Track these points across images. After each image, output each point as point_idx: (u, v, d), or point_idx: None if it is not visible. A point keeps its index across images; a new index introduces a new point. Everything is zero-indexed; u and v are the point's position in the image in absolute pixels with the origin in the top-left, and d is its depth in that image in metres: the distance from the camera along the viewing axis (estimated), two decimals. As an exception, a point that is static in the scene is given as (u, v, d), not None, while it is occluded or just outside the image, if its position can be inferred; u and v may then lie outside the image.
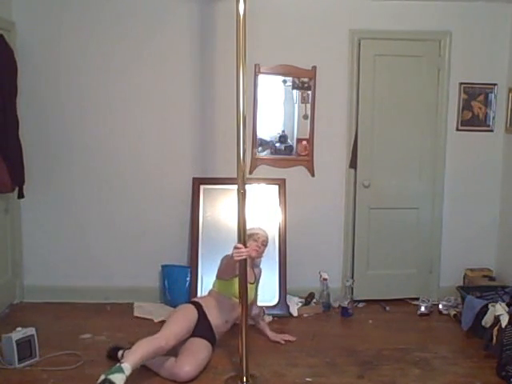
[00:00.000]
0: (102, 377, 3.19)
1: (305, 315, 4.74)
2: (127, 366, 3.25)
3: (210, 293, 4.08)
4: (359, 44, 4.83)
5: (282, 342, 4.19)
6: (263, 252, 4.17)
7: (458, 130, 5.00)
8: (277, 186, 4.91)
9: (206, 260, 4.71)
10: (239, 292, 3.56)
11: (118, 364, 3.28)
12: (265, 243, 4.16)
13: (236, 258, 3.46)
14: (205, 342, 3.75)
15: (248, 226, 3.64)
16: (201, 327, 3.79)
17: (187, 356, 3.61)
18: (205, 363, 3.68)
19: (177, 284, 4.78)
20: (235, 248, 3.46)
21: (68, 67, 4.76)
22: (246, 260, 3.51)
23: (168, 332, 3.60)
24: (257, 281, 4.19)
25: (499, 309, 3.88)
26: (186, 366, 3.54)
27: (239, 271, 3.54)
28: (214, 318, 3.87)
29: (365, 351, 4.09)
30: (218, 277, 3.99)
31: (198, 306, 3.88)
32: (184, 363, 3.56)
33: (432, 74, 4.91)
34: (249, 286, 3.70)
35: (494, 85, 4.95)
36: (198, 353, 3.66)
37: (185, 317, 3.78)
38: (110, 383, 3.15)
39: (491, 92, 4.96)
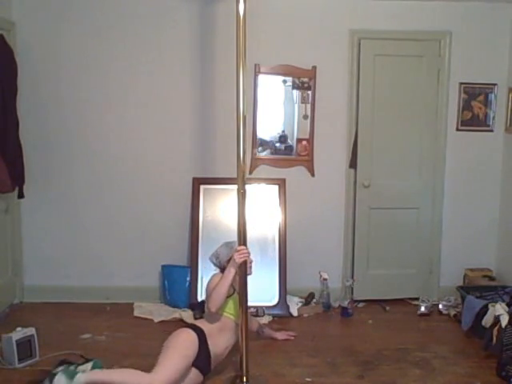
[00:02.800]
0: (58, 371, 3.14)
1: (305, 315, 4.74)
2: (80, 380, 3.06)
3: (206, 316, 3.65)
4: (359, 44, 4.83)
5: (292, 338, 4.21)
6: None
7: (458, 130, 5.00)
8: (277, 186, 4.91)
9: (206, 260, 4.68)
10: (239, 292, 3.53)
11: (76, 371, 3.16)
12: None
13: (239, 260, 3.42)
14: (193, 370, 3.38)
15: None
16: (197, 356, 3.39)
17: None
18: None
19: (177, 284, 4.78)
20: (237, 251, 3.44)
21: (68, 67, 4.76)
22: (246, 262, 3.48)
23: (162, 375, 3.16)
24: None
25: (499, 309, 3.88)
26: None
27: (239, 273, 3.50)
28: (216, 346, 3.49)
29: (365, 351, 4.09)
30: (213, 306, 3.49)
31: (201, 334, 3.44)
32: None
33: (432, 74, 4.91)
34: (236, 296, 3.55)
35: (494, 85, 4.95)
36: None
37: (186, 353, 3.32)
38: (50, 381, 3.12)
39: (491, 92, 4.96)
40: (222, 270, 3.67)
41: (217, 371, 3.69)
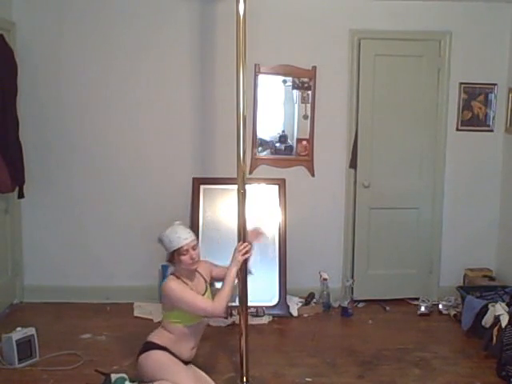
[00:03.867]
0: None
1: (305, 315, 4.74)
2: None
3: (166, 327, 3.36)
4: (359, 44, 4.83)
5: (261, 231, 3.61)
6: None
7: (458, 129, 5.00)
8: (277, 186, 4.91)
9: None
10: (240, 292, 3.50)
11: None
12: (195, 246, 3.42)
13: (242, 258, 3.36)
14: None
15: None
16: None
17: None
18: None
19: (177, 284, 4.77)
20: (237, 249, 3.38)
21: (68, 67, 4.76)
22: (246, 260, 3.46)
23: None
24: (208, 284, 3.49)
25: (499, 309, 3.88)
26: None
27: (239, 272, 3.45)
28: (182, 353, 3.34)
29: (365, 351, 4.09)
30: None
31: (167, 351, 3.30)
32: None
33: (432, 74, 4.91)
34: (207, 295, 3.37)
35: (494, 85, 4.95)
36: None
37: (178, 363, 3.30)
38: None
39: (491, 92, 4.96)
40: (170, 257, 3.52)
41: (217, 371, 3.70)
